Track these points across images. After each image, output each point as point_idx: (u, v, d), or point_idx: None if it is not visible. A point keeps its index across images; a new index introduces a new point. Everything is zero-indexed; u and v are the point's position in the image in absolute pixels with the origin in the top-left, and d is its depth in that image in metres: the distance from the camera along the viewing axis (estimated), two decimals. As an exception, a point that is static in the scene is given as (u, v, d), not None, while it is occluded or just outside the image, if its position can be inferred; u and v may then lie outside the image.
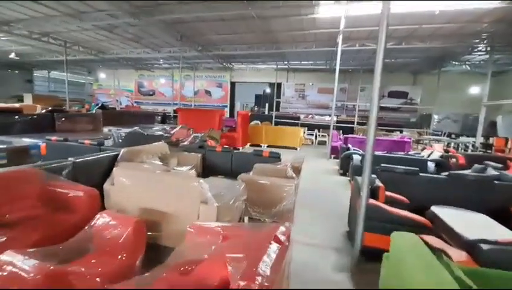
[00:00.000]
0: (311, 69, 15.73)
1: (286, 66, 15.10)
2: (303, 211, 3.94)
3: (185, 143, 6.03)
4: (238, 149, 9.17)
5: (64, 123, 8.22)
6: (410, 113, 15.24)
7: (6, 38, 10.23)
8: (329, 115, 17.12)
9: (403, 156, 5.51)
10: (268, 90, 18.27)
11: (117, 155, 3.58)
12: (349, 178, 6.01)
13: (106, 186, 2.58)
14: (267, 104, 17.49)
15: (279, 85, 16.57)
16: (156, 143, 4.48)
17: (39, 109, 8.41)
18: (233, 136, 9.10)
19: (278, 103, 16.52)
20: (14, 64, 16.97)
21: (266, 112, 17.06)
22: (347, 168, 6.04)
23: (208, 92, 19.15)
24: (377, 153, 5.27)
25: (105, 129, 9.07)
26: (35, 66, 18.29)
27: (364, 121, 13.52)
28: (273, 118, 13.92)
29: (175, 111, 10.76)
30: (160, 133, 6.55)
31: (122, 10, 6.93)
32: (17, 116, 7.23)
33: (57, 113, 8.13)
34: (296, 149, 9.93)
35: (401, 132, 12.63)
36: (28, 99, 16.27)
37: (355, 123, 13.45)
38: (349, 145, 6.42)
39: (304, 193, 4.41)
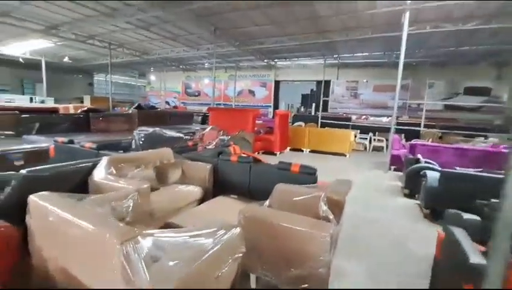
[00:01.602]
0: (365, 64, 13.70)
1: (336, 61, 13.40)
2: (347, 265, 2.62)
3: (210, 147, 5.14)
4: (275, 154, 8.02)
5: (99, 123, 8.14)
6: (493, 114, 12.10)
7: (61, 43, 10.82)
8: (388, 116, 14.92)
9: None
10: (315, 89, 16.68)
11: (95, 165, 2.78)
12: (418, 201, 4.37)
13: (27, 219, 1.72)
14: (313, 104, 15.95)
15: (327, 83, 14.88)
16: (159, 149, 3.61)
17: (72, 110, 8.48)
18: (270, 139, 7.98)
19: (326, 103, 14.84)
20: (78, 69, 18.62)
21: (313, 113, 15.54)
22: (416, 187, 4.40)
23: (251, 92, 18.41)
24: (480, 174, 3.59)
25: (144, 129, 8.85)
26: (95, 70, 19.83)
27: (433, 124, 11.07)
28: (319, 119, 12.35)
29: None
30: (180, 135, 5.78)
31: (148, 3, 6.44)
32: (53, 116, 7.32)
33: (92, 113, 8.09)
34: (345, 156, 8.34)
35: (485, 137, 9.92)
36: (86, 101, 17.74)
37: (422, 126, 11.07)
38: (419, 156, 4.73)
39: (349, 229, 3.06)
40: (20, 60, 13.22)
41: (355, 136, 9.97)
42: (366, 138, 9.98)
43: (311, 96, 17.14)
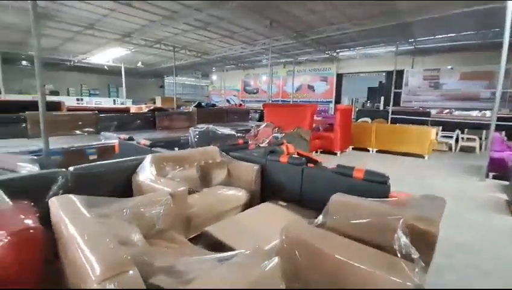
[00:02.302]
0: (449, 48, 11.46)
1: (411, 47, 11.57)
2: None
3: (263, 145, 4.81)
4: (336, 154, 7.23)
5: (164, 121, 8.69)
6: None
7: (135, 50, 11.99)
8: (480, 110, 12.27)
9: None
10: (385, 82, 14.83)
11: (139, 164, 2.68)
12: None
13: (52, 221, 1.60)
14: (382, 98, 14.21)
15: (399, 74, 13.01)
16: (204, 147, 3.40)
17: (144, 109, 9.17)
18: (330, 137, 7.22)
19: (398, 96, 13.01)
20: (151, 73, 20.64)
21: (382, 107, 13.88)
22: (533, 204, 3.22)
23: (310, 87, 17.52)
24: None
25: (199, 126, 9.16)
26: (165, 73, 21.70)
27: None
28: (390, 114, 10.84)
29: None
30: (232, 132, 5.59)
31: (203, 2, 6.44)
32: (125, 115, 8.05)
33: (158, 112, 8.66)
34: (424, 157, 6.99)
35: None
36: (158, 101, 19.54)
37: (533, 121, 8.66)
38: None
39: (439, 259, 2.30)
40: (105, 67, 15.22)
41: (437, 134, 8.36)
42: (451, 136, 8.25)
43: (379, 90, 15.36)
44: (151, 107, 9.12)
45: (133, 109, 9.14)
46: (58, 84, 17.69)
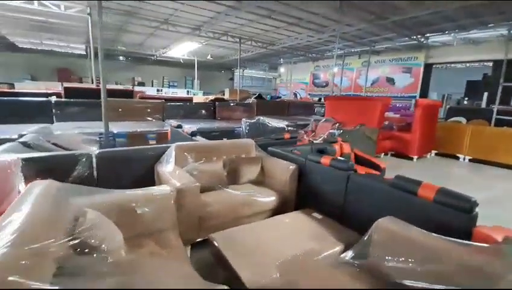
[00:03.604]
0: None
1: (536, 26, 8.76)
2: None
3: (318, 141, 4.23)
4: (412, 159, 5.98)
5: (223, 111, 8.83)
6: None
7: (205, 43, 12.51)
8: None
9: None
10: (492, 74, 11.77)
11: (164, 152, 2.51)
12: None
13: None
14: (485, 95, 11.35)
15: (509, 64, 10.06)
16: (238, 140, 3.06)
17: (203, 99, 9.45)
18: (405, 138, 5.98)
19: (508, 92, 10.12)
20: (221, 66, 21.56)
21: (484, 106, 11.14)
22: None
23: (390, 80, 15.36)
24: None
25: (256, 118, 9.01)
26: (234, 66, 22.37)
27: None
28: (494, 114, 8.47)
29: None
30: (283, 125, 5.09)
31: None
32: (188, 105, 8.43)
33: (218, 103, 8.80)
34: (542, 173, 5.13)
35: None
36: (226, 93, 20.36)
37: None
38: None
39: None
40: (181, 60, 16.48)
41: None
42: None
43: (484, 84, 12.32)
44: (212, 98, 9.32)
45: (197, 99, 9.53)
46: (145, 76, 20.22)
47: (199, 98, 11.26)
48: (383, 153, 6.20)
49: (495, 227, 1.69)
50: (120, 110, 6.97)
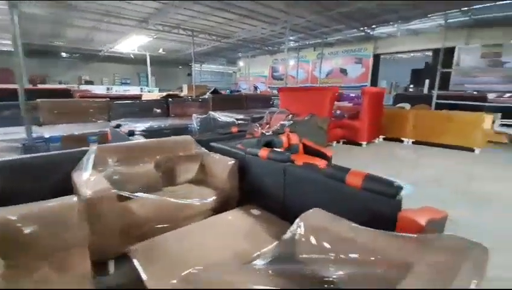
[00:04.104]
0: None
1: (467, 18, 9.66)
2: None
3: (269, 133, 4.11)
4: (361, 145, 6.21)
5: (177, 108, 8.43)
6: None
7: (156, 36, 11.78)
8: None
9: None
10: (433, 62, 12.82)
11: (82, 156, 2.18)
12: None
13: None
14: (427, 82, 12.33)
15: (449, 52, 11.04)
16: (175, 137, 2.82)
17: (155, 96, 8.95)
18: (354, 126, 6.19)
19: (446, 78, 11.11)
20: (178, 61, 20.69)
21: (426, 92, 12.09)
22: None
23: (343, 71, 16.00)
24: None
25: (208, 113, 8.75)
26: (191, 61, 21.65)
27: None
28: (434, 98, 9.21)
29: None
30: (233, 120, 4.94)
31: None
32: (136, 103, 7.85)
33: (171, 99, 8.36)
34: (473, 151, 5.65)
35: None
36: (184, 89, 19.61)
37: None
38: None
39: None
40: (131, 56, 15.43)
41: (494, 122, 6.79)
42: (514, 125, 6.65)
43: (425, 72, 13.38)
44: (164, 95, 8.83)
45: (148, 97, 8.96)
46: (93, 75, 18.62)
47: (151, 95, 10.62)
48: (335, 141, 6.37)
49: (421, 209, 1.71)
50: (56, 111, 6.28)
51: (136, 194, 1.93)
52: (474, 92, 10.37)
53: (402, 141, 6.58)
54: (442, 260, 0.90)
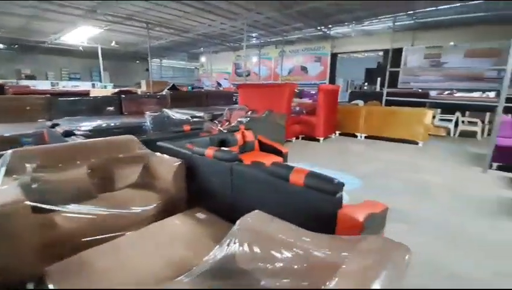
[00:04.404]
0: (453, 22, 10.35)
1: (411, 21, 10.46)
2: None
3: (225, 131, 3.98)
4: (318, 140, 6.38)
5: (131, 105, 7.92)
6: None
7: (107, 28, 10.90)
8: (483, 91, 11.27)
9: None
10: (384, 62, 13.74)
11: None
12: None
13: None
14: (378, 79, 13.19)
15: (398, 52, 11.91)
16: (115, 137, 2.57)
17: (106, 93, 8.33)
18: (311, 121, 6.35)
19: (395, 77, 11.98)
20: (136, 55, 19.51)
21: (378, 89, 12.92)
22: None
23: (304, 69, 16.42)
24: None
25: (174, 111, 8.38)
26: (152, 55, 20.54)
27: None
28: (384, 95, 9.88)
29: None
30: (188, 117, 4.75)
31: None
32: (83, 99, 7.19)
33: (124, 96, 7.82)
34: (417, 144, 6.15)
35: None
36: (143, 85, 18.55)
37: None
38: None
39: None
40: (80, 48, 14.14)
41: (434, 117, 7.47)
42: (451, 120, 7.37)
43: (378, 71, 14.30)
44: (116, 91, 8.23)
45: (98, 93, 8.25)
46: (36, 68, 16.70)
47: (101, 91, 9.82)
48: (295, 137, 6.48)
49: (361, 205, 1.74)
50: (-23, 111, 5.50)
51: (58, 205, 1.69)
52: (419, 90, 11.32)
53: (356, 136, 6.92)
54: (367, 261, 0.89)
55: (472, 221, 2.75)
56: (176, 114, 4.72)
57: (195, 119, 4.79)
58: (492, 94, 10.62)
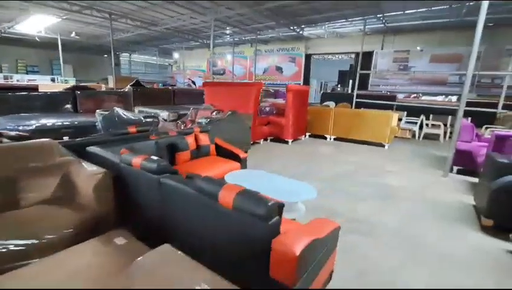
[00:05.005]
0: (420, 27, 10.70)
1: (381, 25, 10.64)
2: None
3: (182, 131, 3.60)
4: (287, 142, 6.18)
5: (88, 102, 7.25)
6: None
7: (65, 17, 10.00)
8: (446, 95, 11.80)
9: None
10: (354, 64, 13.97)
11: None
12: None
13: None
14: (350, 82, 13.40)
15: (369, 55, 12.16)
16: (24, 142, 2.14)
17: (59, 88, 7.61)
18: (281, 123, 6.14)
19: (366, 79, 12.22)
20: (103, 48, 18.33)
21: (350, 91, 13.10)
22: (506, 212, 2.36)
23: (279, 69, 16.33)
24: None
25: (137, 109, 7.81)
26: (119, 49, 19.47)
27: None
28: (354, 98, 9.97)
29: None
30: (140, 117, 4.33)
31: None
32: (30, 95, 6.45)
33: (80, 92, 7.15)
34: (384, 146, 6.16)
35: None
36: (110, 81, 17.48)
37: (500, 107, 8.16)
38: (516, 159, 2.59)
39: None
40: (36, 38, 12.96)
41: (400, 120, 7.58)
42: (416, 122, 7.52)
43: (350, 73, 14.54)
44: (70, 86, 7.52)
45: (49, 88, 7.48)
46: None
47: (53, 86, 8.95)
48: (263, 139, 6.25)
49: (305, 228, 1.49)
50: None
51: None
52: (388, 92, 11.60)
53: (326, 138, 6.82)
54: None
55: (431, 231, 2.65)
56: (127, 113, 4.27)
57: (148, 120, 4.37)
58: (454, 98, 11.16)
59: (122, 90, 8.21)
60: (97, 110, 4.79)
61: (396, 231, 2.58)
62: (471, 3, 7.44)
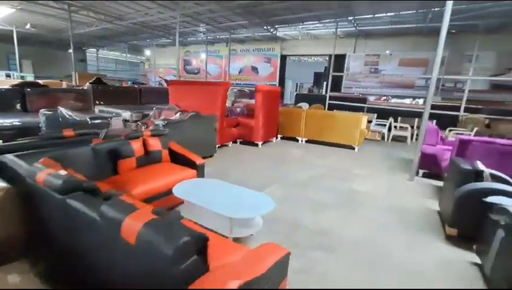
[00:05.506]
0: (390, 32, 10.98)
1: (353, 29, 10.78)
2: None
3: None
4: (257, 145, 5.94)
5: (39, 101, 6.63)
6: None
7: (20, 7, 9.08)
8: (413, 98, 12.23)
9: None
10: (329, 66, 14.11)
11: None
12: (478, 260, 2.21)
13: None
14: (324, 83, 13.51)
15: (342, 58, 12.31)
16: None
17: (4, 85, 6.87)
18: (250, 125, 5.89)
19: (338, 82, 12.34)
20: (67, 43, 17.08)
21: (324, 93, 13.17)
22: (474, 227, 2.26)
23: (254, 69, 16.14)
24: None
25: (97, 109, 7.22)
26: (85, 44, 18.32)
27: (476, 107, 8.45)
28: (327, 99, 9.98)
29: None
30: (86, 118, 3.87)
31: None
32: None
33: (30, 89, 6.47)
34: (354, 149, 6.11)
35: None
36: (74, 78, 16.33)
37: (462, 110, 8.49)
38: (480, 165, 2.52)
39: None
40: (-14, 29, 11.73)
41: (370, 122, 7.62)
42: (385, 124, 7.60)
43: (324, 75, 14.67)
44: (18, 82, 6.77)
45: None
46: None
47: (6, 82, 8.08)
48: (232, 142, 5.96)
49: (243, 261, 1.23)
50: None
51: None
52: (360, 95, 11.79)
53: (297, 140, 6.67)
54: None
55: (396, 242, 2.51)
56: (73, 114, 3.79)
57: (96, 121, 3.92)
58: (421, 101, 11.58)
59: (81, 88, 7.54)
60: (41, 110, 4.25)
61: (360, 245, 2.41)
62: (436, 9, 7.66)
